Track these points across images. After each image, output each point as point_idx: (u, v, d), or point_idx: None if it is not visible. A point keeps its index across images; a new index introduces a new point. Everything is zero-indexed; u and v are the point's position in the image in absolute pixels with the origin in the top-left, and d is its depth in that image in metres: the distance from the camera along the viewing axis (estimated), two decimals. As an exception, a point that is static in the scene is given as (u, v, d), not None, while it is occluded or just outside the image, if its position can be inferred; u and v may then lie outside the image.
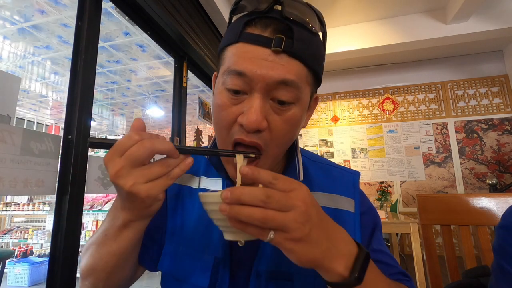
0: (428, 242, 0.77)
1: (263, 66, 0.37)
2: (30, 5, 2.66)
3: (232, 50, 0.40)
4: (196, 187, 0.52)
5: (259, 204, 0.28)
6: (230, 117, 0.40)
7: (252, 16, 0.39)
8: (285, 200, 0.28)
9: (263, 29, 0.38)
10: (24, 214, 3.99)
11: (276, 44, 0.37)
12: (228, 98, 0.40)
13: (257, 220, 0.27)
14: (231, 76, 0.39)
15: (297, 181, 0.31)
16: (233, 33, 0.40)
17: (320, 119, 4.77)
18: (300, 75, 0.39)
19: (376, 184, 4.28)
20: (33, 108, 5.60)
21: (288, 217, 0.28)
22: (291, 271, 0.42)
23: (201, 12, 2.61)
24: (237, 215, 0.28)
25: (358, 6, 3.35)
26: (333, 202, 0.48)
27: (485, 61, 4.17)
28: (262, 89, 0.38)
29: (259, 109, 0.37)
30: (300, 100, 0.40)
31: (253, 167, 0.34)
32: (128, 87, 4.76)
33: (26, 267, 3.25)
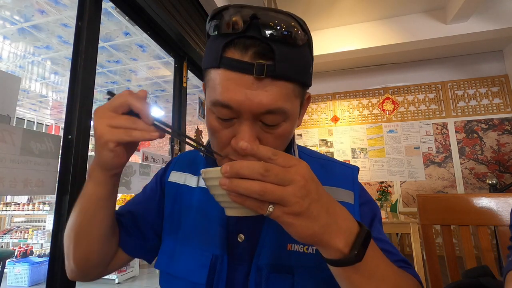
0: (428, 242, 0.77)
1: (248, 96, 0.37)
2: (30, 5, 2.66)
3: (215, 76, 0.39)
4: (194, 186, 0.53)
5: (258, 178, 0.28)
6: (224, 139, 0.41)
7: (230, 37, 0.37)
8: (283, 174, 0.28)
9: (242, 53, 0.37)
10: (24, 214, 3.99)
11: (258, 71, 0.36)
12: (218, 123, 0.41)
13: (256, 193, 0.28)
14: (218, 107, 0.39)
15: (296, 158, 0.31)
16: (213, 56, 0.39)
17: (320, 119, 4.77)
18: (285, 96, 0.39)
19: (376, 184, 4.28)
20: (33, 108, 5.60)
21: (287, 191, 0.28)
22: (291, 264, 0.43)
23: (201, 12, 2.61)
24: (236, 188, 0.28)
25: (358, 6, 3.35)
26: (332, 194, 0.47)
27: (485, 61, 4.17)
28: (249, 117, 0.38)
29: (249, 135, 0.38)
30: (289, 117, 0.40)
31: (252, 142, 0.35)
32: (128, 87, 4.76)
33: (26, 267, 3.25)
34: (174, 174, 0.56)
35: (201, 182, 0.52)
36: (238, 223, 0.46)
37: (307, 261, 0.43)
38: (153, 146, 7.81)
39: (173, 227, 0.51)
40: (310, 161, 0.54)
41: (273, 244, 0.44)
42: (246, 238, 0.45)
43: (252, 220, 0.46)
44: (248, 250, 0.45)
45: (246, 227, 0.46)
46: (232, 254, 0.45)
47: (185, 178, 0.55)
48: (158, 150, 7.64)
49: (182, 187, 0.53)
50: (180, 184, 0.54)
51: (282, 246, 0.44)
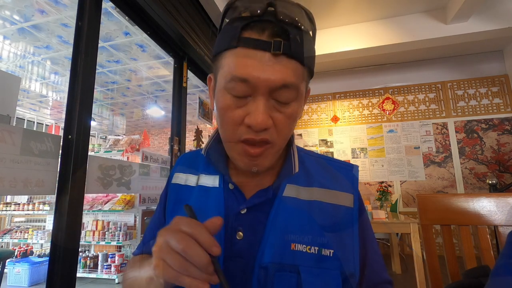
0: (428, 242, 0.77)
1: (265, 71, 0.39)
2: (30, 5, 2.67)
3: (231, 55, 0.41)
4: (194, 185, 0.53)
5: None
6: (236, 118, 0.42)
7: (247, 21, 0.40)
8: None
9: (260, 33, 0.40)
10: (24, 214, 3.99)
11: (275, 47, 0.39)
12: (232, 101, 0.41)
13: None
14: (234, 82, 0.40)
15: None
16: (230, 38, 0.41)
17: (320, 119, 4.77)
18: (298, 75, 0.41)
19: (376, 184, 4.29)
20: (33, 108, 5.60)
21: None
22: (296, 263, 0.43)
23: (201, 12, 2.61)
24: None
25: (358, 6, 3.35)
26: (333, 198, 0.49)
27: (485, 61, 4.17)
28: (265, 93, 0.40)
29: (264, 111, 0.40)
30: (298, 96, 0.43)
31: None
32: (128, 87, 4.77)
33: (26, 267, 3.25)
34: (177, 176, 0.57)
35: (200, 181, 0.53)
36: (237, 220, 0.46)
37: (310, 261, 0.44)
38: (153, 146, 7.81)
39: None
40: (310, 160, 0.54)
41: (276, 243, 0.44)
42: (245, 236, 0.46)
43: (252, 218, 0.47)
44: (248, 248, 0.45)
45: (245, 225, 0.46)
46: (229, 251, 0.45)
47: (186, 178, 0.55)
48: (158, 150, 7.64)
49: (183, 188, 0.54)
50: (182, 185, 0.55)
51: (286, 245, 0.44)
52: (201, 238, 0.32)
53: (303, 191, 0.49)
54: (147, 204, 1.94)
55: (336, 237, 0.46)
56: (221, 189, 0.49)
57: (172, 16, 2.06)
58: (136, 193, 3.25)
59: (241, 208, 0.47)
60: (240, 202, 0.48)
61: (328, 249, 0.44)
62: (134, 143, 3.93)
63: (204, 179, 0.53)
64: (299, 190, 0.49)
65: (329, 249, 0.44)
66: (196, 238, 0.32)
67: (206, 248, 0.32)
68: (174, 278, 0.32)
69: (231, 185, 0.50)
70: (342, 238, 0.46)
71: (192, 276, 0.32)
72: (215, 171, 0.52)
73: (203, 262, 0.31)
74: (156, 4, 1.88)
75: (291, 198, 0.48)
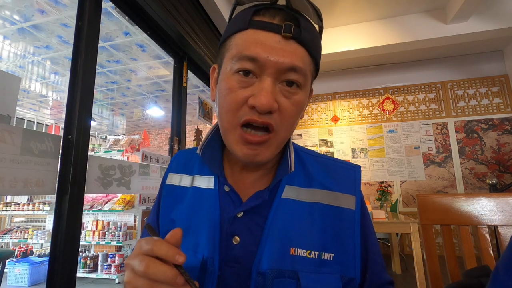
0: (428, 242, 0.77)
1: (274, 52, 0.39)
2: (30, 5, 2.67)
3: (241, 37, 0.41)
4: (188, 186, 0.52)
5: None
6: (240, 98, 0.40)
7: (259, 7, 0.41)
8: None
9: (271, 18, 0.40)
10: (24, 214, 3.99)
11: (286, 30, 0.39)
12: (237, 81, 0.41)
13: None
14: (242, 61, 0.40)
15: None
16: (240, 22, 0.42)
17: (320, 119, 4.77)
18: (306, 63, 0.41)
19: (376, 184, 4.29)
20: (33, 108, 5.60)
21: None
22: (296, 268, 0.41)
23: (201, 12, 2.61)
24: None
25: (358, 6, 3.35)
26: (334, 200, 0.47)
27: (485, 61, 4.17)
28: (273, 73, 0.39)
29: (270, 91, 0.39)
30: (305, 86, 0.43)
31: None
32: (128, 87, 4.77)
33: (26, 267, 3.25)
34: (171, 176, 0.55)
35: (195, 182, 0.51)
36: (233, 224, 0.44)
37: (310, 266, 0.42)
38: (152, 146, 7.81)
39: (168, 229, 0.50)
40: (309, 160, 0.52)
41: (275, 249, 0.42)
42: (242, 241, 0.44)
43: (249, 222, 0.45)
44: (244, 253, 0.43)
45: (242, 229, 0.44)
46: (225, 256, 0.43)
47: (180, 179, 0.54)
48: (158, 150, 7.64)
49: (177, 189, 0.53)
50: (176, 185, 0.53)
51: (285, 250, 0.42)
52: (161, 252, 0.31)
53: (303, 193, 0.47)
54: (147, 204, 1.94)
55: (337, 241, 0.44)
56: (216, 191, 0.47)
57: (172, 16, 2.06)
58: (136, 193, 3.25)
59: (237, 211, 0.45)
60: (236, 205, 0.46)
61: (329, 253, 0.43)
62: (134, 143, 3.93)
63: (198, 181, 0.51)
64: (299, 192, 0.47)
65: (330, 253, 0.43)
66: (156, 254, 0.31)
67: (170, 260, 0.31)
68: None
69: (226, 187, 0.47)
70: (343, 242, 0.45)
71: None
72: (210, 172, 0.50)
73: (169, 277, 0.30)
74: (156, 4, 1.88)
75: (290, 200, 0.46)
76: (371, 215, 2.58)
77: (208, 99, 2.89)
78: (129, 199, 3.55)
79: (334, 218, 0.46)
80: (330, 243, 0.44)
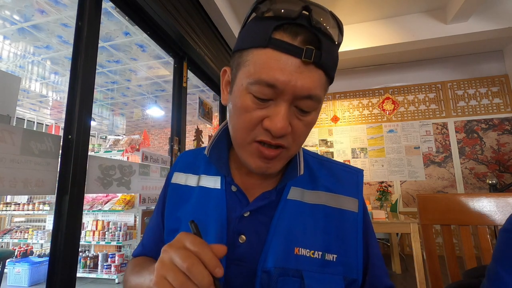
0: (428, 242, 0.77)
1: (293, 77, 0.38)
2: (30, 5, 2.67)
3: (260, 56, 0.39)
4: (194, 185, 0.52)
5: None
6: (255, 119, 0.40)
7: (280, 22, 0.39)
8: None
9: (293, 37, 0.38)
10: (24, 214, 3.99)
11: (307, 55, 0.38)
12: (253, 102, 0.40)
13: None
14: (259, 85, 0.39)
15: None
16: (259, 36, 0.40)
17: (320, 119, 4.77)
18: (322, 86, 0.41)
19: (376, 184, 4.29)
20: (33, 108, 5.60)
21: None
22: (300, 268, 0.42)
23: (201, 12, 2.61)
24: None
25: (358, 6, 3.35)
26: (337, 202, 0.48)
27: (485, 61, 4.17)
28: (289, 99, 0.39)
29: (286, 117, 0.39)
30: (318, 107, 0.43)
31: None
32: (128, 87, 4.77)
33: (26, 267, 3.25)
34: (177, 175, 0.56)
35: (201, 182, 0.52)
36: (240, 224, 0.46)
37: (314, 266, 0.43)
38: (153, 146, 7.81)
39: (173, 228, 0.50)
40: (314, 162, 0.53)
41: (280, 248, 0.43)
42: (248, 240, 0.45)
43: (256, 221, 0.46)
44: (250, 252, 0.44)
45: (248, 228, 0.45)
46: (231, 255, 0.44)
47: (186, 178, 0.54)
48: (158, 150, 7.64)
49: (183, 188, 0.53)
50: (182, 185, 0.54)
51: (290, 249, 0.43)
52: (206, 258, 0.31)
53: (308, 194, 0.48)
54: (147, 204, 1.94)
55: (340, 242, 0.45)
56: (222, 191, 0.48)
57: (172, 16, 2.06)
58: (136, 193, 3.25)
59: (244, 211, 0.46)
60: (243, 205, 0.47)
61: (332, 254, 0.44)
62: (134, 143, 3.93)
63: (205, 180, 0.52)
64: (304, 193, 0.48)
65: (333, 254, 0.44)
66: (201, 257, 0.31)
67: (210, 269, 0.31)
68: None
69: (234, 187, 0.48)
70: (346, 243, 0.46)
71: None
72: (216, 172, 0.51)
73: (205, 282, 0.30)
74: (156, 4, 1.88)
75: (295, 201, 0.47)
76: (371, 215, 2.58)
77: (208, 99, 2.89)
78: (129, 199, 3.55)
79: (338, 220, 0.47)
80: (333, 244, 0.45)
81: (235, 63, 0.44)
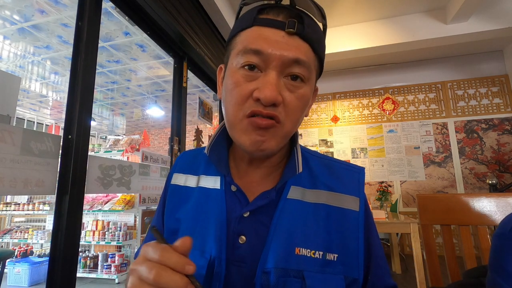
0: (428, 242, 0.77)
1: (279, 46, 0.40)
2: (30, 5, 2.67)
3: (246, 33, 0.43)
4: (194, 186, 0.52)
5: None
6: (245, 92, 0.41)
7: (264, 6, 0.43)
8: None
9: (275, 15, 0.42)
10: (24, 214, 3.99)
11: (290, 26, 0.40)
12: (242, 76, 0.42)
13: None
14: (247, 54, 0.41)
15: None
16: (246, 20, 0.43)
17: (320, 119, 4.77)
18: (309, 57, 0.42)
19: (376, 184, 4.29)
20: (33, 108, 5.60)
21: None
22: (301, 268, 0.42)
23: (201, 12, 2.61)
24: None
25: (358, 6, 3.35)
26: (338, 201, 0.48)
27: (485, 61, 4.17)
28: (277, 67, 0.40)
29: (275, 84, 0.40)
30: (309, 80, 0.43)
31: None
32: (128, 87, 4.77)
33: (26, 267, 3.25)
34: (176, 176, 0.55)
35: (200, 182, 0.51)
36: (240, 224, 0.45)
37: (315, 266, 0.42)
38: (153, 146, 7.81)
39: (173, 229, 0.50)
40: (314, 161, 0.53)
41: (280, 248, 0.43)
42: (248, 240, 0.44)
43: (256, 222, 0.45)
44: (250, 253, 0.43)
45: (248, 229, 0.45)
46: (231, 255, 0.44)
47: (185, 179, 0.54)
48: (158, 150, 7.64)
49: (183, 189, 0.53)
50: (181, 186, 0.53)
51: (290, 250, 0.43)
52: (171, 262, 0.30)
53: (308, 193, 0.47)
54: (147, 204, 1.94)
55: (341, 241, 0.45)
56: (222, 191, 0.48)
57: (172, 16, 2.06)
58: (136, 193, 3.25)
59: (244, 211, 0.45)
60: (243, 205, 0.46)
61: (333, 253, 0.43)
62: (134, 143, 3.93)
63: (204, 181, 0.51)
64: (304, 192, 0.47)
65: (334, 254, 0.43)
66: (166, 263, 0.30)
67: (179, 270, 0.30)
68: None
69: (233, 187, 0.48)
70: (347, 243, 0.45)
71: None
72: (216, 172, 0.50)
73: (180, 286, 0.29)
74: (156, 4, 1.88)
75: (296, 201, 0.46)
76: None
77: (208, 99, 2.89)
78: (129, 199, 3.55)
79: (338, 219, 0.46)
80: (334, 243, 0.44)
81: (227, 53, 0.46)
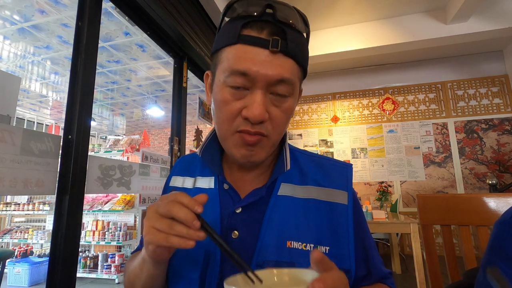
0: (428, 242, 0.77)
1: (263, 66, 0.41)
2: (30, 5, 2.67)
3: (231, 51, 0.43)
4: (191, 187, 0.54)
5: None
6: (234, 110, 0.43)
7: (247, 20, 0.42)
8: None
9: (259, 31, 0.42)
10: (24, 214, 3.99)
11: (273, 45, 0.41)
12: (230, 94, 0.43)
13: None
14: (233, 75, 0.42)
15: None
16: (230, 35, 0.43)
17: (320, 119, 4.77)
18: (293, 72, 0.43)
19: (376, 184, 4.29)
20: (33, 108, 5.60)
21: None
22: (293, 260, 0.44)
23: (201, 12, 2.61)
24: None
25: (358, 6, 3.35)
26: (328, 196, 0.50)
27: (485, 61, 4.17)
28: (263, 87, 0.42)
29: (262, 103, 0.42)
30: (294, 93, 0.45)
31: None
32: (128, 87, 4.77)
33: (26, 267, 3.25)
34: (174, 179, 0.58)
35: (197, 183, 0.54)
36: (233, 219, 0.47)
37: (306, 258, 0.43)
38: (153, 146, 7.81)
39: None
40: (304, 159, 0.55)
41: (272, 242, 0.45)
42: (241, 235, 0.46)
43: (247, 217, 0.47)
44: (243, 247, 0.45)
45: (241, 224, 0.47)
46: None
47: (183, 181, 0.56)
48: (158, 150, 7.64)
49: (180, 190, 0.54)
50: (179, 187, 0.56)
51: (282, 243, 0.45)
52: (185, 201, 0.35)
53: (298, 189, 0.50)
54: (147, 204, 1.94)
55: (331, 234, 0.47)
56: (216, 190, 0.50)
57: (172, 16, 2.06)
58: (136, 193, 3.25)
59: (236, 207, 0.47)
60: (235, 202, 0.49)
61: (324, 246, 0.45)
62: (134, 143, 3.93)
63: (200, 182, 0.54)
64: (294, 189, 0.50)
65: (325, 246, 0.45)
66: (180, 201, 0.36)
67: (190, 208, 0.35)
68: (163, 239, 0.35)
69: (225, 185, 0.50)
70: (337, 235, 0.47)
71: (179, 235, 0.35)
72: (210, 173, 0.53)
73: (188, 217, 0.34)
74: (156, 4, 1.88)
75: (286, 197, 0.48)
76: (371, 215, 2.58)
77: (208, 99, 2.88)
78: (129, 199, 3.55)
79: (328, 213, 0.48)
80: (325, 236, 0.46)
81: (213, 64, 0.47)
